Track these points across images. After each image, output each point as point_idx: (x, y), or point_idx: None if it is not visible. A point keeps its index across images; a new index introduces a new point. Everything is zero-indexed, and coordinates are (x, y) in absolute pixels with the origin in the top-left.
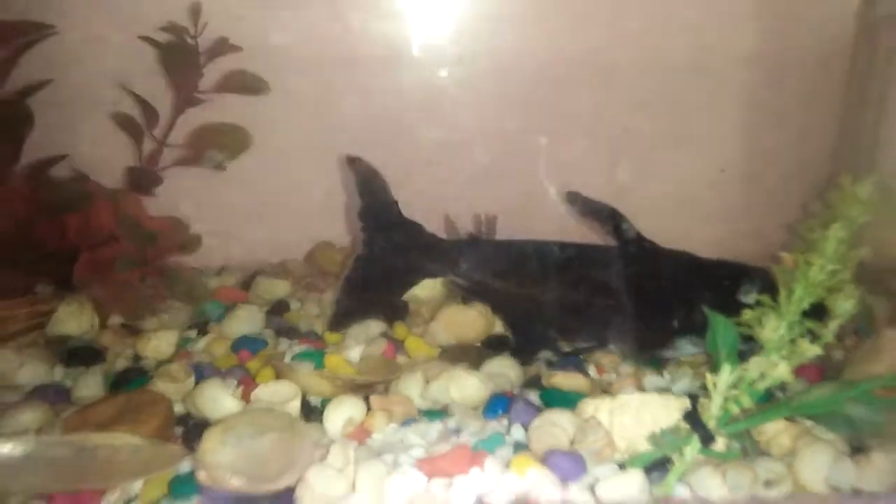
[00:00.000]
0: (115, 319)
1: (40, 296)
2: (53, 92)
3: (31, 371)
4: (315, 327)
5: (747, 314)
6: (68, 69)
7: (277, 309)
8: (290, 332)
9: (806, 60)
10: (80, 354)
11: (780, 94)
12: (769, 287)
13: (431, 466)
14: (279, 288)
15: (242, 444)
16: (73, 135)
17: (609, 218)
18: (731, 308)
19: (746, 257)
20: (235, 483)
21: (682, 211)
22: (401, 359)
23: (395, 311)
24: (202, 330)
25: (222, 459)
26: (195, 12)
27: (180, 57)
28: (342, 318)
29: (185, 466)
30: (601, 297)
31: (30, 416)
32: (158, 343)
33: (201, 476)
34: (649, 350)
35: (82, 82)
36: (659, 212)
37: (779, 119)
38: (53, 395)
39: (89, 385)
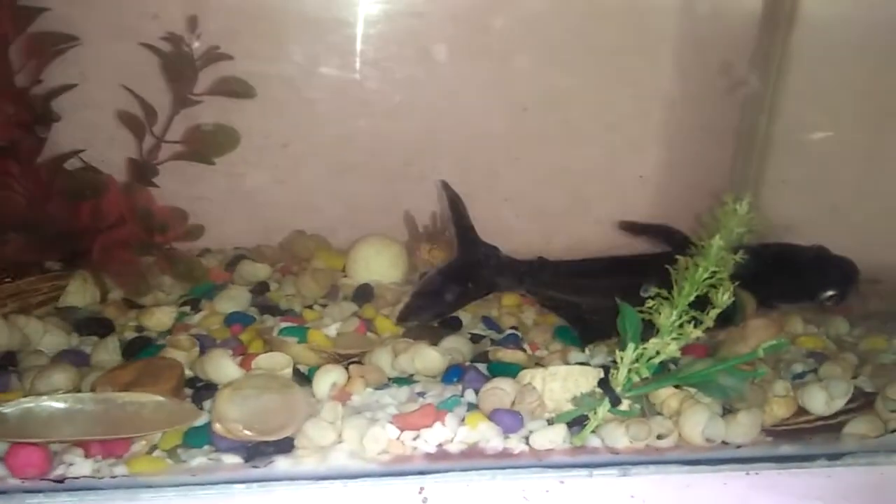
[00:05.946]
0: (114, 294)
1: (54, 272)
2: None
3: (53, 338)
4: (293, 306)
5: (648, 304)
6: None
7: (259, 289)
8: (273, 310)
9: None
10: (91, 324)
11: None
12: None
13: (403, 421)
14: (261, 271)
15: (249, 402)
16: (87, 132)
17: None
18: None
19: None
20: (247, 434)
21: None
22: (370, 336)
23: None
24: (195, 306)
25: (235, 414)
26: (192, 25)
27: (178, 64)
28: (412, 313)
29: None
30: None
31: (60, 376)
32: (161, 317)
33: (217, 428)
34: None
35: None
36: None
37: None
38: (76, 359)
39: (108, 351)
